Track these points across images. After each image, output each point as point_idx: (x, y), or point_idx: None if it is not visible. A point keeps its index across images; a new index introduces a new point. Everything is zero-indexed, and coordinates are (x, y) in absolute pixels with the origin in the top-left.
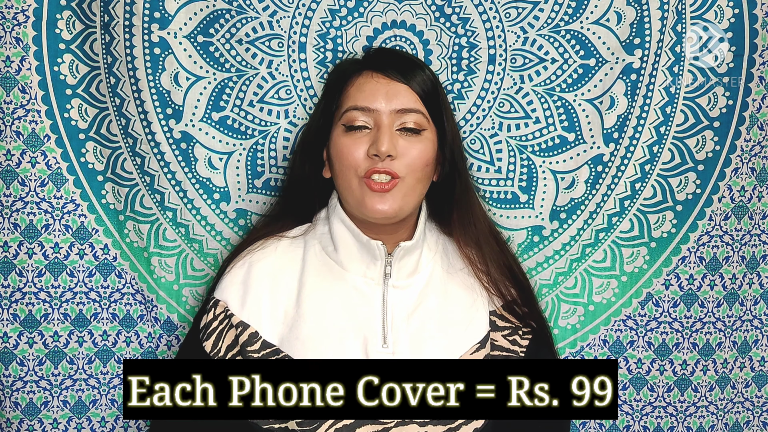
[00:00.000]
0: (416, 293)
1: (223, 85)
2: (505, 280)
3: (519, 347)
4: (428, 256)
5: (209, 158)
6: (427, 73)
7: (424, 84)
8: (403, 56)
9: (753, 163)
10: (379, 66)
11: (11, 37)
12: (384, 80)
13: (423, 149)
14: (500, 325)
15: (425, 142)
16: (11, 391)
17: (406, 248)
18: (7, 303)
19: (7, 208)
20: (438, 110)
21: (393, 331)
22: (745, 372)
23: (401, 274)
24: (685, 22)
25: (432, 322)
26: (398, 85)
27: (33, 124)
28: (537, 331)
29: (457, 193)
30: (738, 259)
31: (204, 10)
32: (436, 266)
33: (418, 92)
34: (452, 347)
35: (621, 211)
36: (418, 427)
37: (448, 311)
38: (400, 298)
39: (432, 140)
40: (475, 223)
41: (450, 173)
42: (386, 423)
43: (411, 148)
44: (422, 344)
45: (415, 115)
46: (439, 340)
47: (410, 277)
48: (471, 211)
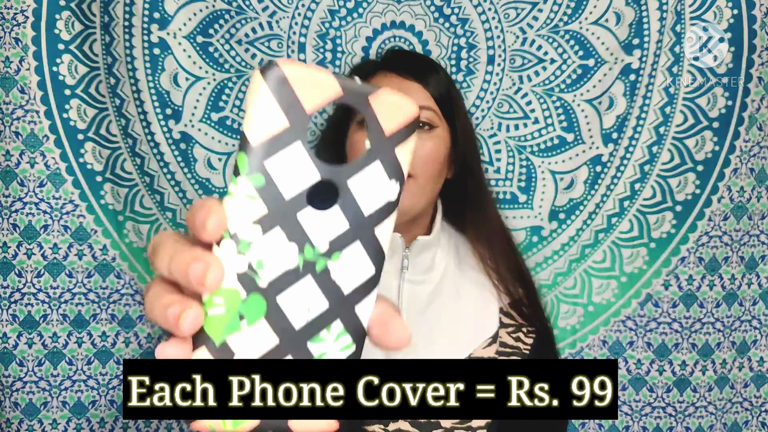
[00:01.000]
0: (431, 289)
1: (222, 86)
2: (514, 279)
3: (523, 344)
4: (443, 253)
5: (209, 159)
6: (441, 74)
7: (437, 84)
8: (418, 57)
9: (752, 164)
10: (394, 66)
11: (10, 37)
12: (397, 79)
13: (434, 147)
14: (506, 322)
15: (436, 139)
16: (11, 392)
17: (424, 243)
18: (7, 304)
19: (6, 209)
20: (450, 110)
21: (408, 323)
22: (744, 372)
23: (417, 269)
24: (684, 23)
25: (445, 317)
26: (411, 83)
27: (32, 124)
28: (541, 330)
29: (470, 191)
30: (737, 260)
31: (203, 11)
32: (450, 263)
33: (431, 91)
34: (464, 342)
35: (620, 211)
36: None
37: (461, 307)
38: (415, 292)
39: (444, 138)
40: (488, 222)
41: (462, 172)
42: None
43: (422, 146)
44: (435, 338)
45: (427, 113)
46: (451, 334)
47: (426, 273)
48: (484, 209)
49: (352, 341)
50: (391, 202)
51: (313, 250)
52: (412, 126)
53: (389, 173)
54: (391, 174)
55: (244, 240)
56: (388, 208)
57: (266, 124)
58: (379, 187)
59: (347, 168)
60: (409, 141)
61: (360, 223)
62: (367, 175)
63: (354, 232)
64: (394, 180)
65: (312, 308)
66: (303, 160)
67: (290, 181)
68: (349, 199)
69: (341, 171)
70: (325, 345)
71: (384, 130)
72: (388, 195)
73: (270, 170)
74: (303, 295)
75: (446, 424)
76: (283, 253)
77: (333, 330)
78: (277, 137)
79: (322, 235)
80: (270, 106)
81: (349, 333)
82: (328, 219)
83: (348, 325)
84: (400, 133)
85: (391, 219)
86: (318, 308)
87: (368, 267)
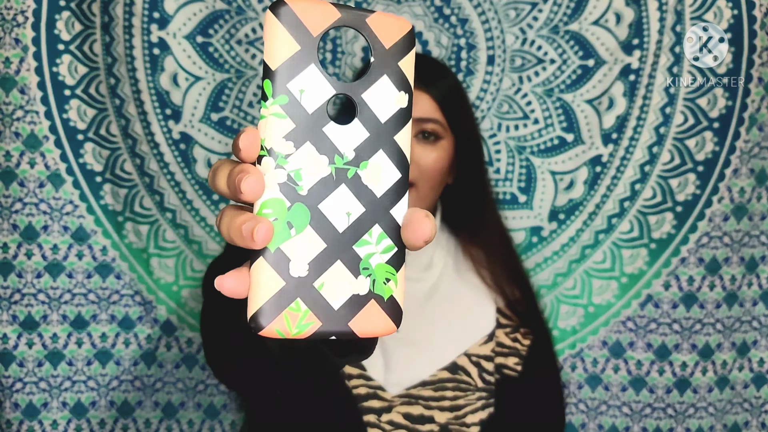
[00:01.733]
0: (428, 287)
1: (222, 86)
2: (510, 280)
3: (521, 345)
4: (441, 251)
5: (209, 159)
6: (449, 80)
7: (445, 91)
8: (426, 61)
9: (752, 164)
10: None
11: (10, 38)
12: None
13: (438, 158)
14: (503, 322)
15: (440, 151)
16: (11, 393)
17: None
18: (7, 304)
19: (6, 210)
20: (457, 117)
21: (405, 319)
22: (744, 373)
23: (415, 267)
24: (684, 23)
25: (442, 314)
26: (418, 92)
27: (32, 125)
28: (537, 332)
29: (471, 196)
30: (737, 261)
31: (203, 11)
32: (448, 262)
33: (438, 99)
34: (460, 339)
35: (620, 212)
36: (424, 409)
37: (458, 304)
38: (413, 290)
39: (448, 149)
40: (487, 225)
41: (464, 177)
42: (392, 401)
43: (426, 156)
44: (432, 334)
45: (432, 125)
46: (447, 331)
47: (424, 271)
48: (484, 214)
49: (392, 243)
50: (403, 108)
51: (342, 159)
52: (409, 40)
53: (397, 85)
54: (399, 85)
55: (279, 153)
56: (403, 115)
57: (281, 50)
58: (390, 98)
59: (359, 84)
60: (410, 54)
61: (379, 132)
62: (378, 88)
63: (375, 140)
64: (403, 91)
65: (351, 212)
66: (318, 78)
67: (310, 96)
68: (366, 112)
69: (354, 86)
70: (370, 248)
71: (384, 46)
72: (400, 103)
73: (291, 89)
74: (341, 201)
75: (440, 420)
76: (316, 163)
77: (374, 233)
78: (292, 60)
79: (347, 145)
80: (282, 35)
81: (389, 236)
82: (350, 131)
83: (387, 228)
84: (399, 47)
85: (407, 127)
86: (356, 212)
87: (394, 172)
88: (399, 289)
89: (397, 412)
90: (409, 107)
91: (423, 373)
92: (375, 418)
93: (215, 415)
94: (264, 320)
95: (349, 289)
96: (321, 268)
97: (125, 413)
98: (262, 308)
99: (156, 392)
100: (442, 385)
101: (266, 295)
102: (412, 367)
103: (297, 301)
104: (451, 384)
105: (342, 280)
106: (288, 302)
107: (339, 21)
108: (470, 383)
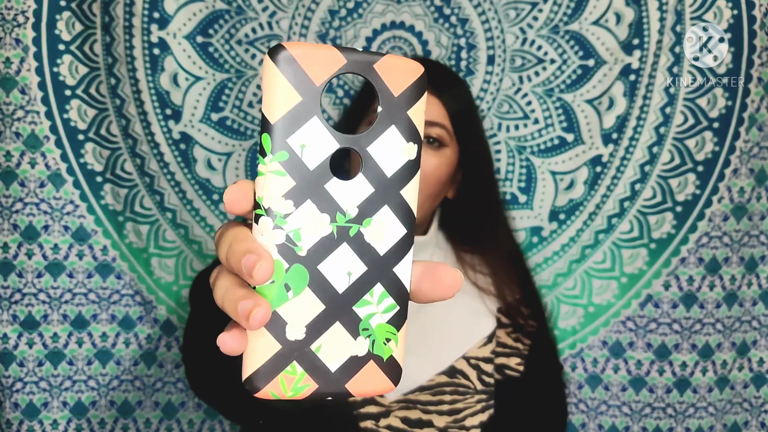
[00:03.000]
0: None
1: (222, 86)
2: (511, 282)
3: (522, 344)
4: (439, 252)
5: (208, 159)
6: (460, 90)
7: (456, 99)
8: (440, 70)
9: (752, 164)
10: None
11: (11, 38)
12: None
13: (438, 165)
14: (505, 322)
15: (442, 158)
16: (11, 392)
17: (420, 243)
18: (7, 304)
19: (6, 209)
20: (464, 127)
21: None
22: (744, 373)
23: None
24: (684, 23)
25: (439, 317)
26: (428, 97)
27: (32, 125)
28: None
29: (476, 215)
30: (737, 260)
31: (203, 11)
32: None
33: (448, 106)
34: (459, 341)
35: (620, 212)
36: (422, 413)
37: (456, 307)
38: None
39: (450, 158)
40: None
41: (467, 195)
42: (390, 406)
43: (426, 162)
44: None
45: (438, 129)
46: (445, 333)
47: None
48: (492, 236)
49: (394, 302)
50: (411, 160)
51: (345, 217)
52: (420, 86)
53: (405, 136)
54: (408, 136)
55: (278, 213)
56: (410, 168)
57: (281, 101)
58: (397, 150)
59: (364, 136)
60: (420, 101)
61: (385, 187)
62: (385, 140)
63: (380, 196)
64: (411, 142)
65: (352, 272)
66: (321, 132)
67: (312, 152)
68: (371, 165)
69: (359, 139)
70: (371, 308)
71: (393, 93)
72: (408, 155)
73: (292, 145)
74: (341, 261)
75: (439, 424)
76: (317, 222)
77: (375, 293)
78: (292, 112)
79: (350, 202)
80: (281, 85)
81: (391, 295)
82: (354, 187)
83: (389, 287)
84: (409, 94)
85: (415, 179)
86: (358, 271)
87: (399, 228)
88: (399, 348)
89: (395, 417)
90: (417, 159)
91: (421, 378)
92: (373, 423)
93: (215, 415)
94: (260, 383)
95: (348, 350)
96: (319, 330)
97: (125, 413)
98: (257, 371)
99: (156, 392)
100: (441, 390)
101: (262, 358)
102: (409, 372)
103: (293, 365)
104: (450, 388)
105: (340, 342)
106: (284, 365)
107: (345, 68)
108: (469, 386)
